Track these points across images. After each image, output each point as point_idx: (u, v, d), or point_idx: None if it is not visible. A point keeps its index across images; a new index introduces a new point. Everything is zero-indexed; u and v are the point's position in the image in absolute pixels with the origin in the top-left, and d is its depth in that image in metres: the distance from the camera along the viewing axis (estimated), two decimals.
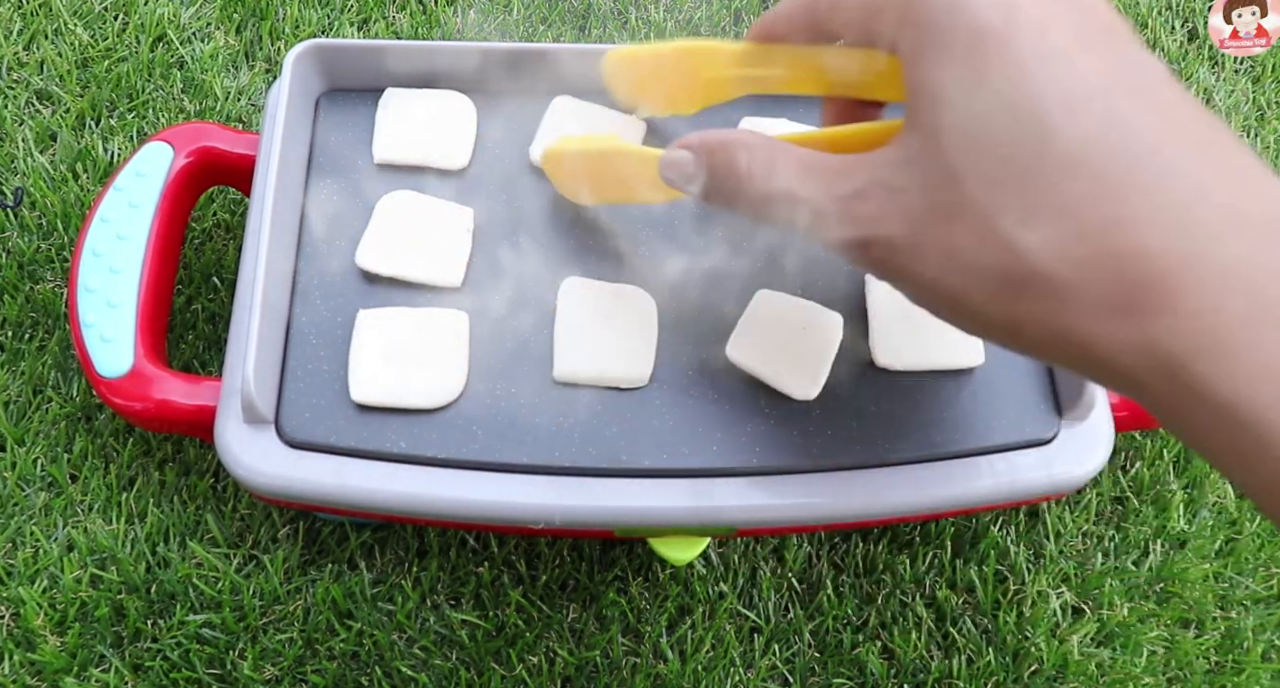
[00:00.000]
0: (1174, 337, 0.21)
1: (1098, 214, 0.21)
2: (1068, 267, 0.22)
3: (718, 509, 0.35)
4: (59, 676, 0.39)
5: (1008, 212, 0.22)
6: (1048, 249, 0.22)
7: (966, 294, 0.24)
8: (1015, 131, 0.22)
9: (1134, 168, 0.21)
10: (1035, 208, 0.22)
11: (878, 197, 0.25)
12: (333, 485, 0.35)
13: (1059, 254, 0.22)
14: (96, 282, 0.39)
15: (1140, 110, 0.22)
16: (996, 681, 0.41)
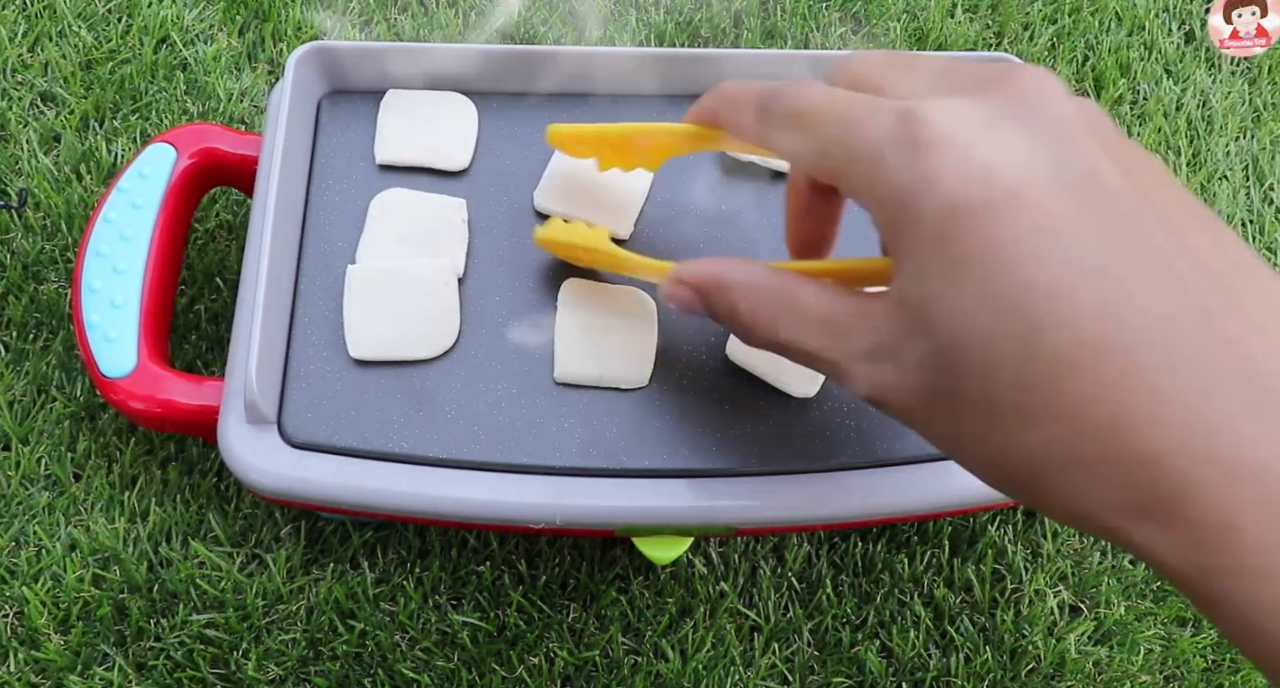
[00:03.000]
0: (1192, 550, 0.19)
1: (1099, 416, 0.20)
2: (1076, 468, 0.20)
3: (718, 509, 0.35)
4: (62, 674, 0.39)
5: (1007, 411, 0.21)
6: (1052, 450, 0.21)
7: (984, 472, 0.23)
8: (1002, 328, 0.21)
9: (1132, 365, 0.20)
10: (1034, 409, 0.21)
11: (885, 364, 0.24)
12: (334, 485, 0.35)
13: (1065, 456, 0.20)
14: (100, 282, 0.39)
15: (1136, 284, 0.20)
16: (994, 679, 0.41)
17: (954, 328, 0.21)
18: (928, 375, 0.23)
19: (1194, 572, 0.20)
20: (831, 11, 0.57)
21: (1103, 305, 0.20)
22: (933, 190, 0.21)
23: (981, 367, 0.21)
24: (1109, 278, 0.20)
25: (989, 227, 0.21)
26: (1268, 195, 0.54)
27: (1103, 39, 0.58)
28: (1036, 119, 0.22)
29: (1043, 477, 0.21)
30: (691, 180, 0.41)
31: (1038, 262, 0.20)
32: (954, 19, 0.58)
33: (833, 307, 0.25)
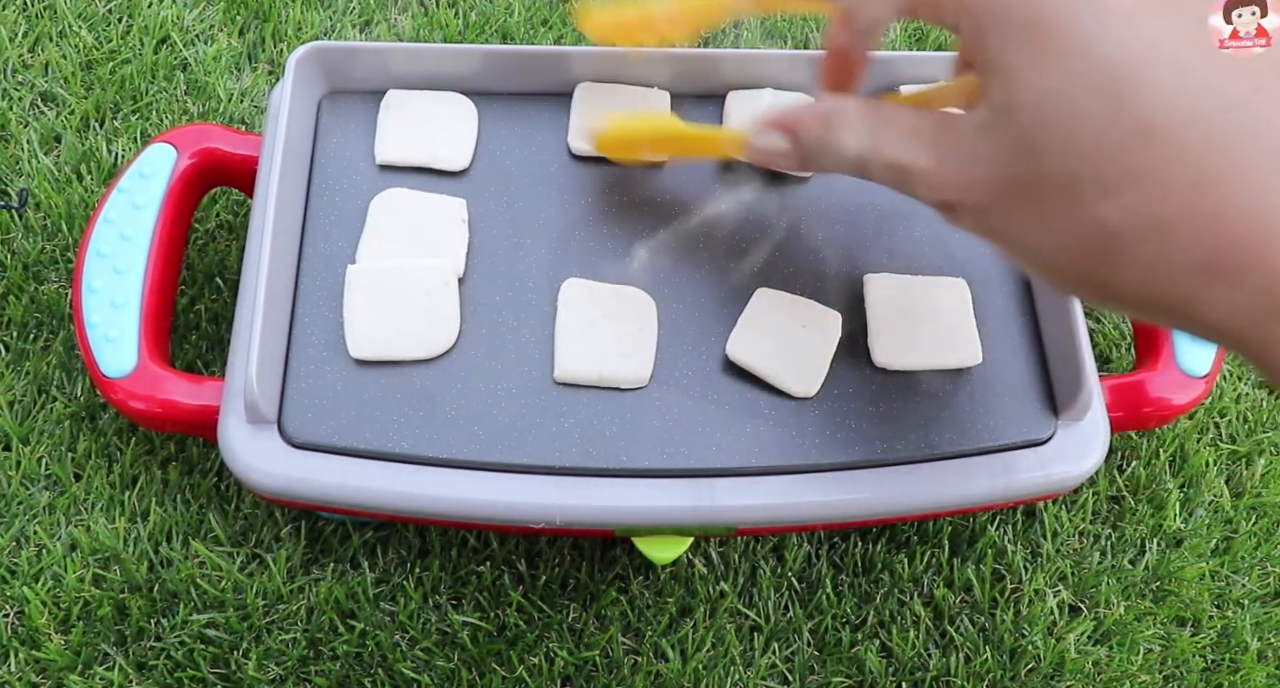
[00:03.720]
0: (1266, 296, 0.21)
1: (1178, 176, 0.21)
2: (1152, 232, 0.22)
3: (718, 509, 0.35)
4: (63, 673, 0.39)
5: (1086, 181, 0.22)
6: (1130, 215, 0.22)
7: (1056, 259, 0.24)
8: (1086, 103, 0.22)
9: (1211, 126, 0.21)
10: (1113, 175, 0.22)
11: (965, 163, 0.25)
12: (334, 485, 0.35)
13: (1142, 220, 0.22)
14: (100, 282, 0.39)
15: (1212, 67, 0.22)
16: (994, 678, 0.41)
17: (1039, 106, 0.23)
18: (1006, 165, 0.24)
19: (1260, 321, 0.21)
20: None
21: (1183, 80, 0.21)
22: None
23: (1064, 140, 0.22)
24: (1188, 59, 0.22)
25: (1075, 13, 0.22)
26: None
27: None
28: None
29: (1119, 248, 0.22)
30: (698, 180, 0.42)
31: (1122, 41, 0.22)
32: None
33: (917, 118, 0.27)
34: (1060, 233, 0.23)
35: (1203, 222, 0.21)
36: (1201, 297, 0.22)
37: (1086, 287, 0.24)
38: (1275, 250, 0.21)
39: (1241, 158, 0.21)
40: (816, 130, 0.29)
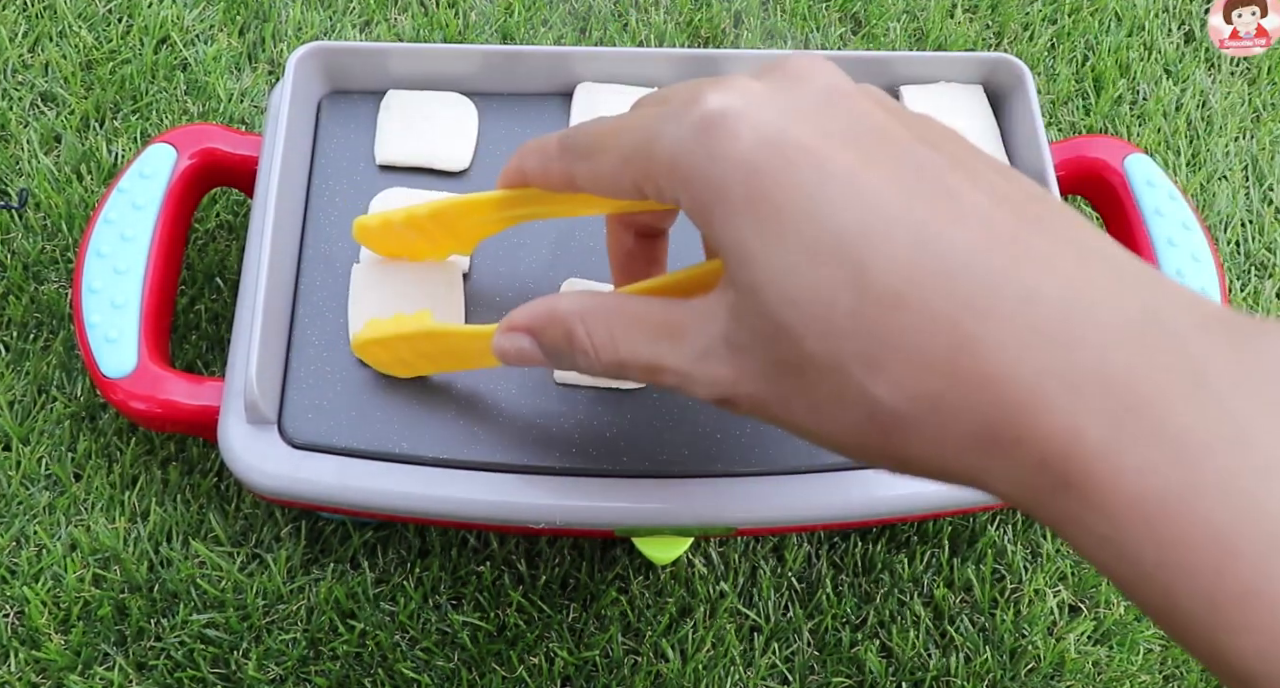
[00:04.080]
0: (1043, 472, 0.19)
1: (936, 344, 0.20)
2: (925, 405, 0.20)
3: (718, 509, 0.35)
4: (63, 673, 0.39)
5: (850, 359, 0.20)
6: (901, 391, 0.20)
7: (844, 440, 0.22)
8: (827, 276, 0.20)
9: (956, 286, 0.20)
10: (875, 351, 0.20)
11: (726, 356, 0.23)
12: (335, 486, 0.35)
13: (912, 394, 0.20)
14: (100, 282, 0.39)
15: (942, 218, 0.20)
16: (994, 678, 0.41)
17: (781, 287, 0.21)
18: (767, 350, 0.22)
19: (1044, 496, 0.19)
20: (831, 11, 0.57)
21: (916, 240, 0.20)
22: (731, 156, 0.22)
23: (817, 320, 0.21)
24: (917, 214, 0.20)
25: (792, 179, 0.21)
26: (1267, 195, 0.54)
27: (1103, 39, 0.58)
28: (817, 87, 0.23)
29: (900, 426, 0.21)
30: None
31: (846, 206, 0.20)
32: (954, 19, 0.58)
33: (666, 313, 0.25)
34: (840, 415, 0.21)
35: (968, 391, 0.19)
36: (988, 470, 0.20)
37: (882, 462, 0.22)
38: (1043, 420, 0.19)
39: (993, 318, 0.19)
40: (557, 338, 0.27)
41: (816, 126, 0.22)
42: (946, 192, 0.21)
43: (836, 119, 0.22)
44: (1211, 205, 0.53)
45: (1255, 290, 0.51)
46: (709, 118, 0.22)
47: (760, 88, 0.23)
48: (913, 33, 0.57)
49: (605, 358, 0.26)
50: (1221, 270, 0.42)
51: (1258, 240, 0.52)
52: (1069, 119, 0.56)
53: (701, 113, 0.22)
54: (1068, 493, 0.19)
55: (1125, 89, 0.56)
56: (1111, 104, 0.56)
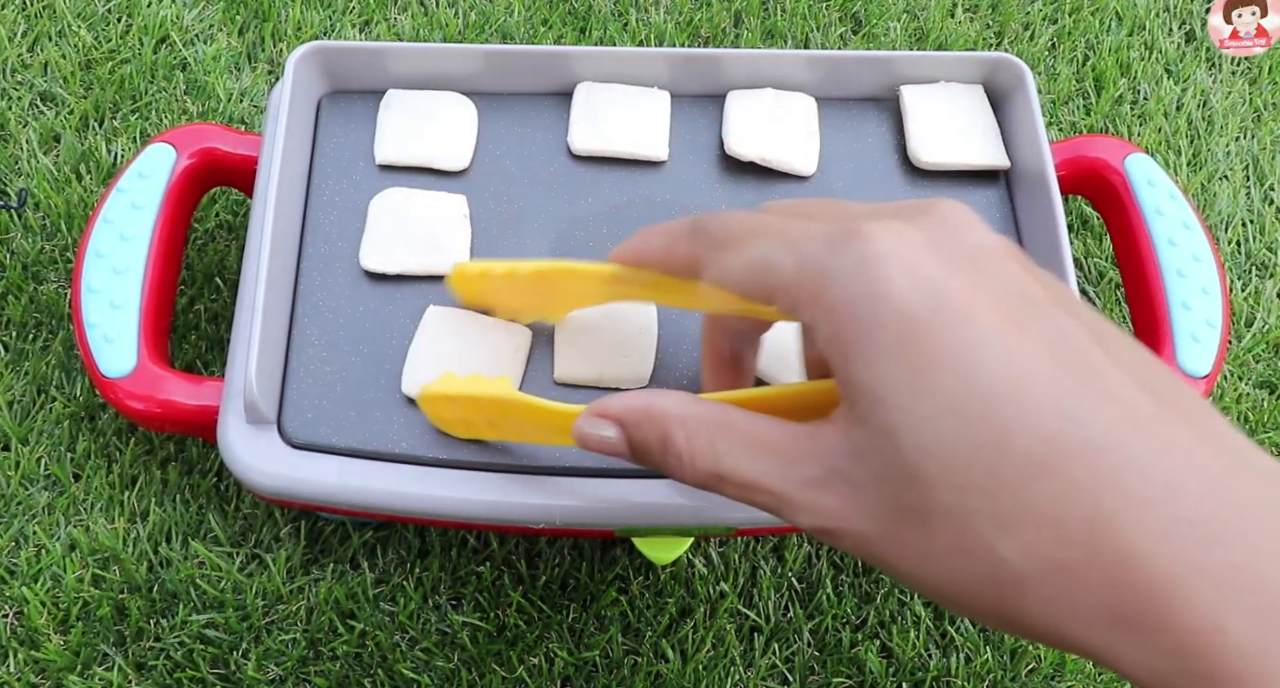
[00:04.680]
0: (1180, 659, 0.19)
1: (1073, 515, 0.20)
2: (1055, 573, 0.20)
3: (718, 509, 0.35)
4: (62, 674, 0.39)
5: (981, 517, 0.20)
6: (1030, 555, 0.20)
7: (954, 593, 0.22)
8: (970, 433, 0.20)
9: (1098, 464, 0.20)
10: (1009, 512, 0.20)
11: (838, 489, 0.23)
12: (334, 486, 0.35)
13: (1043, 560, 0.20)
14: (100, 282, 0.39)
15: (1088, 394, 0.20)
16: (994, 679, 0.41)
17: (920, 435, 0.21)
18: (890, 494, 0.22)
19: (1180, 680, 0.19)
20: (831, 11, 0.57)
21: (1063, 411, 0.20)
22: (888, 299, 0.22)
23: (953, 473, 0.21)
24: (1064, 386, 0.20)
25: (945, 333, 0.21)
26: (1268, 195, 0.54)
27: (1103, 39, 0.58)
28: (969, 243, 0.23)
29: (1023, 589, 0.20)
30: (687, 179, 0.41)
31: (996, 368, 0.21)
32: (954, 19, 0.58)
33: (776, 432, 0.24)
34: (957, 569, 0.21)
35: (1104, 567, 0.19)
36: (1115, 647, 0.20)
37: (993, 620, 0.22)
38: (1186, 609, 0.19)
39: (1135, 500, 0.19)
40: (649, 438, 0.26)
41: (970, 284, 0.22)
42: (1090, 367, 0.21)
43: (988, 279, 0.22)
44: (1212, 205, 0.53)
45: (1256, 290, 0.51)
46: (872, 256, 0.22)
47: (916, 235, 0.23)
48: (913, 32, 0.57)
49: (702, 468, 0.25)
50: (1222, 270, 0.42)
51: (1259, 240, 0.52)
52: (1069, 119, 0.55)
53: (863, 248, 0.22)
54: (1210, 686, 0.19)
55: (1126, 89, 0.56)
56: (1112, 104, 0.56)
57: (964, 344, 0.21)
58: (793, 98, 0.43)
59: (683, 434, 0.25)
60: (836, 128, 0.43)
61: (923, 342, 0.21)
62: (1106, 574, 0.19)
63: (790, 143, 0.41)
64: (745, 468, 0.24)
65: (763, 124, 0.42)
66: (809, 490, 0.23)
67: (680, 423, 0.25)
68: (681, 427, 0.25)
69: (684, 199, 0.41)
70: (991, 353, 0.21)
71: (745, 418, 0.25)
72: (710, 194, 0.41)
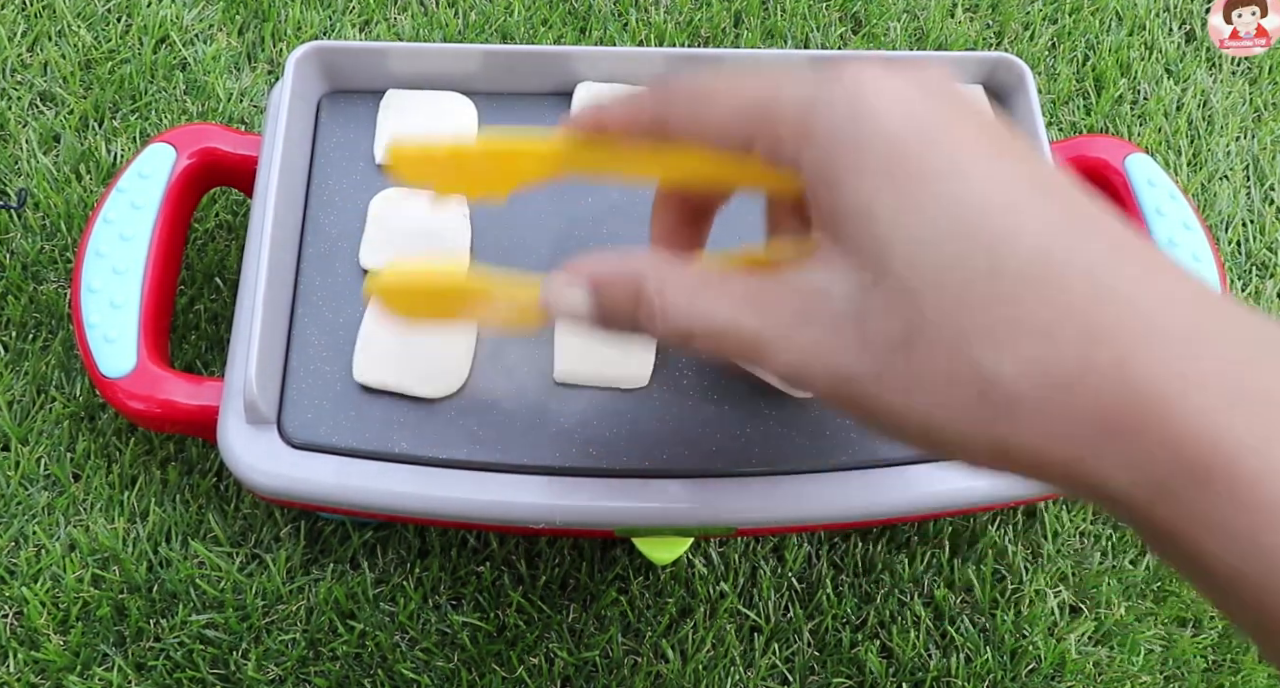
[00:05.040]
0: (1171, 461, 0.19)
1: (1069, 328, 0.20)
2: (1047, 387, 0.20)
3: (718, 509, 0.35)
4: (62, 674, 0.39)
5: (975, 334, 0.20)
6: (1024, 369, 0.20)
7: (942, 421, 0.21)
8: (964, 246, 0.20)
9: (1095, 281, 0.20)
10: (1004, 328, 0.20)
11: (819, 322, 0.22)
12: (334, 486, 0.35)
13: (1036, 375, 0.20)
14: (99, 282, 0.39)
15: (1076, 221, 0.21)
16: (994, 679, 0.41)
17: (911, 252, 0.21)
18: (874, 319, 0.21)
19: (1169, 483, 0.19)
20: (831, 11, 0.57)
21: (1055, 232, 0.20)
22: (877, 123, 0.22)
23: (944, 289, 0.20)
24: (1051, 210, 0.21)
25: (937, 156, 0.21)
26: (1268, 195, 0.54)
27: (1103, 39, 0.58)
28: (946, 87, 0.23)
29: (1013, 408, 0.20)
30: None
31: (987, 185, 0.21)
32: (954, 19, 0.58)
33: (753, 281, 0.24)
34: (947, 394, 0.21)
35: (1097, 378, 0.19)
36: (1102, 459, 0.20)
37: (979, 450, 0.21)
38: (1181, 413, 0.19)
39: (1130, 313, 0.20)
40: (620, 295, 0.25)
41: (953, 116, 0.22)
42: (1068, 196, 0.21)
43: (968, 114, 0.22)
44: (1212, 205, 0.53)
45: (1256, 290, 0.51)
46: (858, 87, 0.22)
47: (898, 74, 0.23)
48: (913, 32, 0.57)
49: (674, 319, 0.24)
50: (1223, 270, 0.42)
51: (1259, 240, 0.52)
52: (1070, 119, 0.55)
53: (849, 82, 0.22)
54: (1204, 488, 0.19)
55: (1126, 89, 0.56)
56: (1112, 104, 0.56)
57: (953, 166, 0.21)
58: None
59: (655, 286, 0.25)
60: None
61: (912, 162, 0.21)
62: (1100, 384, 0.19)
63: None
64: (720, 315, 0.24)
65: None
66: (786, 328, 0.23)
67: (655, 276, 0.25)
68: (656, 280, 0.25)
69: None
70: (982, 172, 0.21)
71: (718, 275, 0.24)
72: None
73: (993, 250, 0.20)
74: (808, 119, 0.23)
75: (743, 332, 0.23)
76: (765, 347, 0.23)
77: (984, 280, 0.20)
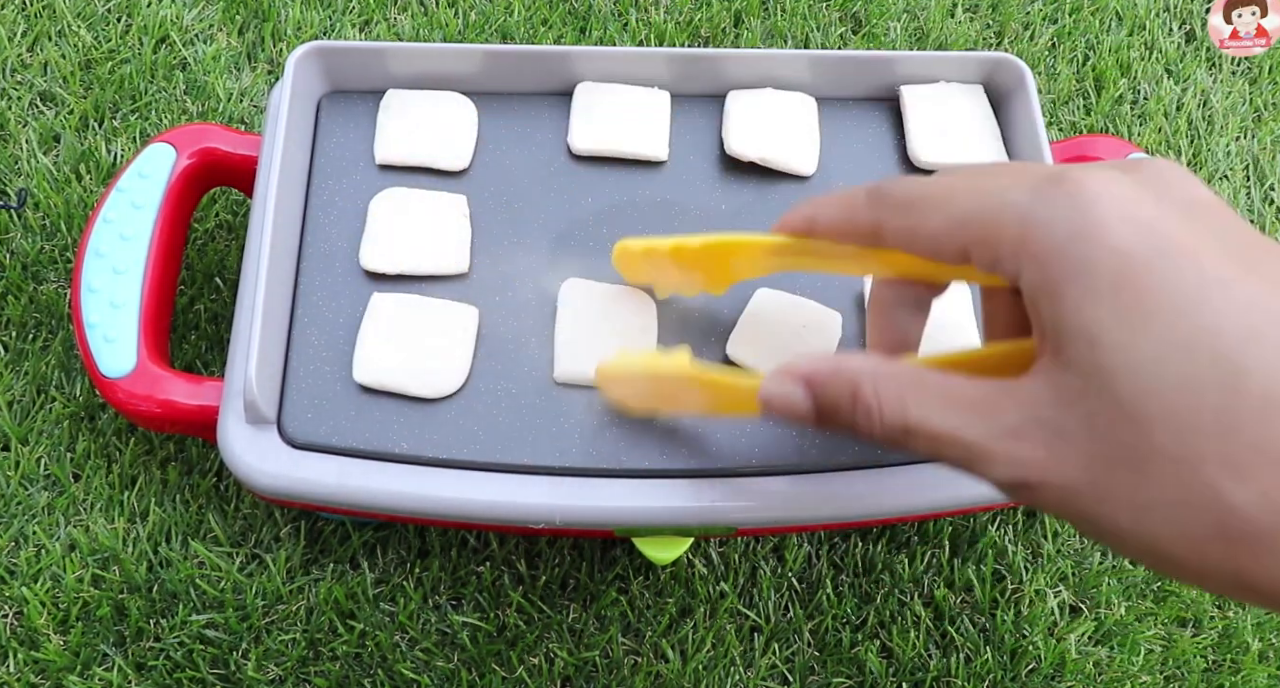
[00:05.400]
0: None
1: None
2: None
3: (718, 509, 0.35)
4: (62, 674, 0.39)
5: (1210, 461, 0.19)
6: (1267, 501, 0.19)
7: (1172, 548, 0.21)
8: (1198, 372, 0.19)
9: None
10: (1242, 456, 0.19)
11: (1040, 438, 0.22)
12: (334, 486, 0.35)
13: None
14: (99, 282, 0.39)
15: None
16: (994, 679, 0.41)
17: (1140, 377, 0.20)
18: (1101, 440, 0.21)
19: None
20: (831, 11, 0.57)
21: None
22: (1104, 239, 0.21)
23: (1178, 415, 0.20)
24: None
25: (1170, 274, 0.20)
26: (1268, 195, 0.54)
27: (1103, 39, 0.58)
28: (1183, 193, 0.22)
29: (1256, 541, 0.19)
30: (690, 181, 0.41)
31: (1225, 309, 0.20)
32: (954, 19, 0.58)
33: (969, 386, 0.23)
34: (1177, 521, 0.20)
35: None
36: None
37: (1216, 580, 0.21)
38: None
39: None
40: (838, 394, 0.26)
41: (1190, 228, 0.21)
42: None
43: (1208, 224, 0.21)
44: None
45: None
46: (1083, 198, 0.21)
47: (1128, 181, 0.22)
48: (913, 32, 0.57)
49: (890, 421, 0.24)
50: None
51: None
52: (1070, 119, 0.55)
53: (1073, 192, 0.22)
54: None
55: (1126, 89, 0.56)
56: (1112, 104, 0.56)
57: (1189, 283, 0.20)
58: (793, 98, 0.43)
59: (871, 388, 0.25)
60: (836, 128, 0.43)
61: (1142, 281, 0.20)
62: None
63: (790, 143, 0.41)
64: (936, 419, 0.23)
65: (763, 124, 0.42)
66: (1006, 441, 0.22)
67: (871, 377, 0.25)
68: (871, 381, 0.25)
69: (684, 199, 0.41)
70: (1221, 292, 0.20)
71: (936, 374, 0.24)
72: (710, 194, 0.41)
73: (1233, 370, 0.19)
74: (1026, 236, 0.22)
75: (963, 440, 0.23)
76: (986, 457, 0.23)
77: (1220, 408, 0.19)
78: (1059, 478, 0.22)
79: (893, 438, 0.25)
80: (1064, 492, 0.22)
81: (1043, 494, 0.22)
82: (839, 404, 0.26)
